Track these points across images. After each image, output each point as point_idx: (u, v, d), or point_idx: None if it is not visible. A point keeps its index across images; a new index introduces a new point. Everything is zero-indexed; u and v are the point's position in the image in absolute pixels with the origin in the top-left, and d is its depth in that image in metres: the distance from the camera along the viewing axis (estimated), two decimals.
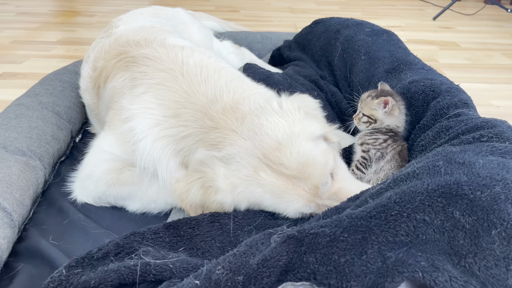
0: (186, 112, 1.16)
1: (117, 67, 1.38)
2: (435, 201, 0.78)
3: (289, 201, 1.06)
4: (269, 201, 1.07)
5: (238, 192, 1.07)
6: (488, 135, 1.01)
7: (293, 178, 1.05)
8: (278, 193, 1.05)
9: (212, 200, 1.09)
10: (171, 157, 1.17)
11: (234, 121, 1.11)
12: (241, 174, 1.07)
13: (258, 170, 1.05)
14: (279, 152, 1.05)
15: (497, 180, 0.79)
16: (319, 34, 2.09)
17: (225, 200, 1.09)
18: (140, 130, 1.18)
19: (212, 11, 4.22)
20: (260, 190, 1.06)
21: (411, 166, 0.92)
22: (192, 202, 1.12)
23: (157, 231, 1.02)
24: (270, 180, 1.05)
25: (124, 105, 1.24)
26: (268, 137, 1.07)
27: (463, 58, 3.12)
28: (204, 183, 1.09)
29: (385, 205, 0.80)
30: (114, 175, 1.23)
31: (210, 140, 1.11)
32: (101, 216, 1.26)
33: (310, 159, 1.04)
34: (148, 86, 1.24)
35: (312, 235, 0.80)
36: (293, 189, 1.05)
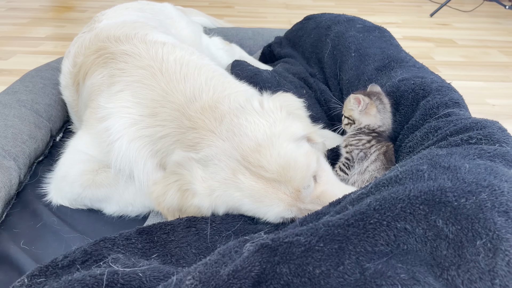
0: (163, 111, 1.11)
1: (96, 63, 1.33)
2: (417, 208, 0.73)
3: (269, 205, 1.00)
4: (248, 205, 1.02)
5: (216, 196, 1.02)
6: (477, 137, 0.96)
7: (273, 182, 0.99)
8: (257, 197, 1.00)
9: (189, 204, 1.04)
10: (148, 158, 1.12)
11: (213, 121, 1.06)
12: (219, 177, 1.01)
13: (237, 173, 1.00)
14: (259, 154, 0.99)
15: (484, 186, 0.74)
16: (310, 30, 2.03)
17: (202, 204, 1.04)
18: (116, 130, 1.13)
19: (206, 7, 4.16)
20: (238, 194, 1.01)
21: (394, 170, 0.87)
22: (169, 205, 1.07)
23: (129, 236, 0.97)
24: (249, 183, 0.99)
25: (100, 104, 1.19)
26: (247, 138, 1.01)
27: (459, 56, 3.07)
28: (181, 186, 1.04)
29: (364, 213, 0.75)
30: (90, 177, 1.18)
31: (187, 141, 1.06)
32: (77, 219, 1.22)
33: (291, 161, 0.99)
34: (125, 83, 1.19)
35: (286, 244, 0.75)
36: (273, 193, 1.00)
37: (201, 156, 1.03)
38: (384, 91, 1.42)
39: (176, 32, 1.95)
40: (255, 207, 1.02)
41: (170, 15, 2.06)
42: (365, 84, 1.58)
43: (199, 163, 1.03)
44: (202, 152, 1.04)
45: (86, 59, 1.38)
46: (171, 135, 1.09)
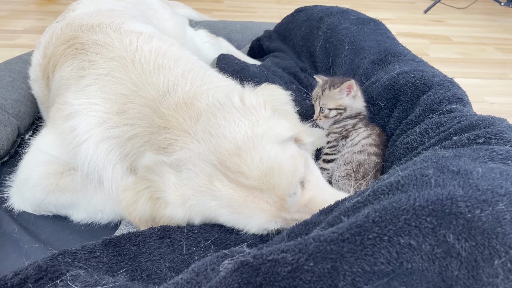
0: (132, 108, 0.99)
1: (65, 54, 1.21)
2: (423, 221, 0.62)
3: (249, 216, 0.88)
4: (225, 216, 0.90)
5: (190, 205, 0.91)
6: (485, 136, 0.86)
7: (254, 190, 0.87)
8: (236, 207, 0.88)
9: (162, 214, 0.93)
10: (117, 162, 1.00)
11: (188, 119, 0.94)
12: (193, 183, 0.90)
13: (213, 180, 0.88)
14: (238, 159, 0.87)
15: (501, 195, 0.63)
16: (300, 23, 1.92)
17: (175, 215, 0.92)
18: (82, 131, 1.01)
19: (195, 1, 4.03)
20: (215, 203, 0.89)
21: (394, 175, 0.76)
22: (140, 215, 0.95)
23: (93, 249, 0.85)
24: (227, 191, 0.88)
25: (68, 99, 1.06)
26: (225, 140, 0.89)
27: (455, 52, 2.98)
28: (153, 194, 0.93)
29: (361, 226, 0.64)
30: (53, 180, 1.05)
31: (159, 142, 0.94)
32: (40, 227, 1.09)
33: (275, 167, 0.87)
34: (94, 77, 1.07)
35: (270, 262, 0.64)
36: (254, 202, 0.88)
37: (173, 160, 0.91)
38: (381, 85, 1.32)
39: (159, 24, 1.83)
40: (234, 218, 0.90)
41: (153, 6, 1.94)
42: (361, 79, 1.47)
43: (171, 167, 0.91)
44: (174, 155, 0.92)
45: (55, 49, 1.26)
46: (141, 135, 0.97)
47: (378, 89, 1.31)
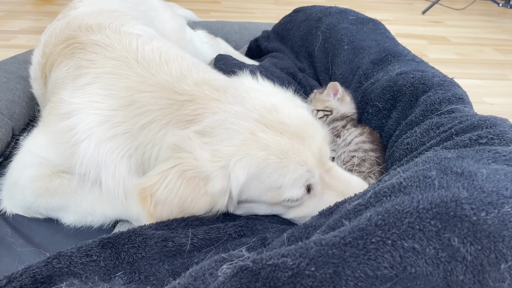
0: (142, 97, 0.97)
1: (62, 54, 1.18)
2: (427, 224, 0.60)
3: (297, 162, 0.90)
4: (274, 165, 0.89)
5: (235, 162, 0.87)
6: (487, 136, 0.84)
7: (297, 138, 0.92)
8: (285, 152, 0.89)
9: (200, 194, 0.88)
10: (122, 161, 0.97)
11: (214, 91, 0.96)
12: (235, 141, 0.89)
13: (257, 132, 0.90)
14: (277, 113, 0.93)
15: (506, 197, 0.62)
16: (299, 23, 1.91)
17: (216, 189, 0.88)
18: (83, 129, 0.98)
19: (192, 2, 4.01)
20: (263, 153, 0.88)
21: (396, 176, 0.74)
22: (164, 198, 0.88)
23: (90, 251, 0.82)
24: (274, 138, 0.90)
25: (64, 98, 1.03)
26: (260, 101, 0.95)
27: (454, 53, 2.97)
28: (184, 173, 0.87)
29: (364, 229, 0.62)
30: (42, 183, 1.03)
31: (184, 116, 0.93)
32: (34, 230, 1.07)
33: (310, 120, 0.97)
34: (95, 75, 1.04)
35: (270, 267, 0.62)
36: (300, 148, 0.91)
37: (204, 126, 0.91)
38: (379, 86, 1.30)
39: (160, 25, 1.81)
40: (283, 165, 0.89)
41: (154, 6, 1.92)
42: (360, 79, 1.46)
43: (203, 135, 0.90)
44: (205, 122, 0.91)
45: (53, 49, 1.24)
46: (158, 118, 0.95)
47: (377, 90, 1.29)
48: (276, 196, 0.93)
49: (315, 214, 0.88)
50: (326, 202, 0.96)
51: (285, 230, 0.93)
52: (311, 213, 0.93)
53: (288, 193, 0.92)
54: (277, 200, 0.94)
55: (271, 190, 0.92)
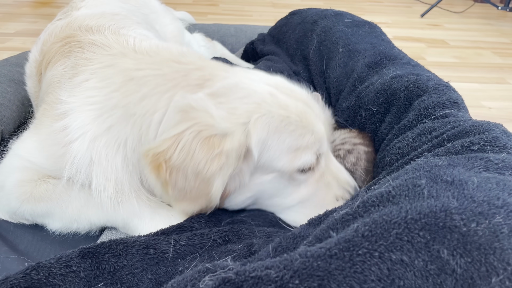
0: (141, 72, 0.96)
1: (60, 52, 1.16)
2: (416, 235, 0.58)
3: (315, 124, 0.93)
4: (295, 123, 0.90)
5: (256, 119, 0.86)
6: (479, 143, 0.82)
7: (308, 107, 0.95)
8: (304, 113, 0.92)
9: (215, 154, 0.83)
10: (117, 152, 0.94)
11: (221, 65, 0.98)
12: (254, 98, 0.89)
13: (275, 93, 0.91)
14: (288, 83, 0.99)
15: (498, 207, 0.59)
16: (294, 25, 1.89)
17: (234, 145, 0.84)
18: (76, 127, 0.95)
19: (190, 4, 4.01)
20: (284, 111, 0.89)
21: (385, 185, 0.72)
22: (179, 163, 0.83)
23: (69, 262, 0.79)
24: (292, 101, 0.92)
25: (61, 98, 1.01)
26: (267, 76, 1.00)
27: (452, 56, 2.95)
28: (200, 133, 0.82)
29: (350, 240, 0.60)
30: (27, 189, 1.00)
31: (193, 81, 0.91)
32: (19, 237, 1.04)
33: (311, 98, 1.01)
34: (91, 72, 1.02)
35: (253, 279, 0.60)
36: (314, 115, 0.95)
37: (217, 89, 0.90)
38: (373, 89, 1.28)
39: (161, 28, 1.80)
40: (303, 125, 0.91)
41: (155, 9, 1.90)
42: (355, 82, 1.43)
43: (217, 97, 0.88)
44: (217, 84, 0.91)
45: (51, 46, 1.22)
46: (161, 84, 0.92)
47: (371, 93, 1.27)
48: (291, 161, 0.91)
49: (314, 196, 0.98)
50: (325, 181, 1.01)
51: (271, 234, 0.91)
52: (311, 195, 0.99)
53: (304, 157, 0.91)
54: (291, 166, 0.92)
55: (289, 153, 0.90)
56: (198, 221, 0.96)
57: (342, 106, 1.41)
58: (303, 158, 0.91)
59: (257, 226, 0.97)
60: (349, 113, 1.33)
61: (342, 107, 1.41)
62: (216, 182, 0.86)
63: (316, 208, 0.97)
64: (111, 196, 0.97)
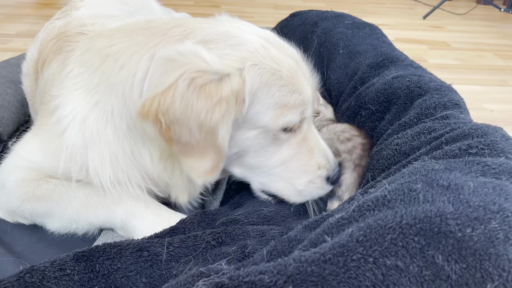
0: (115, 46, 0.93)
1: (53, 50, 1.17)
2: (410, 240, 0.57)
3: (304, 85, 0.92)
4: (286, 79, 0.88)
5: (250, 65, 0.83)
6: (477, 146, 0.81)
7: (298, 67, 0.93)
8: (295, 71, 0.90)
9: (215, 102, 0.77)
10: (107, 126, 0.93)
11: (202, 19, 0.95)
12: (247, 47, 0.85)
13: (267, 46, 0.88)
14: (279, 39, 0.96)
15: (493, 212, 0.59)
16: (295, 27, 1.88)
17: (234, 88, 0.80)
18: (66, 115, 0.95)
19: (192, 6, 4.01)
20: (276, 65, 0.87)
21: (381, 189, 0.71)
22: (179, 115, 0.77)
23: (64, 265, 0.79)
24: (283, 57, 0.89)
25: (53, 94, 1.02)
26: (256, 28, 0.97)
27: (454, 59, 2.94)
28: (193, 81, 0.76)
29: (345, 246, 0.59)
30: (29, 189, 1.01)
31: (173, 37, 0.86)
32: (16, 238, 1.05)
33: None
34: (74, 60, 1.02)
35: (246, 284, 0.59)
36: (303, 77, 0.93)
37: (203, 36, 0.85)
38: (374, 89, 1.27)
39: None
40: (294, 81, 0.89)
41: (154, 11, 1.90)
42: (356, 84, 1.43)
43: (206, 43, 0.83)
44: (204, 32, 0.86)
45: (46, 44, 1.23)
46: (138, 49, 0.88)
47: (371, 93, 1.26)
48: (276, 118, 0.89)
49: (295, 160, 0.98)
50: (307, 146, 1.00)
51: (265, 232, 0.90)
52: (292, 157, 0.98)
53: (290, 115, 0.90)
54: (276, 123, 0.90)
55: (275, 108, 0.88)
56: (191, 222, 0.95)
57: (342, 107, 1.41)
58: (288, 117, 0.90)
59: (251, 224, 0.96)
60: (349, 114, 1.33)
61: (342, 109, 1.40)
62: (221, 131, 0.81)
63: (299, 172, 1.00)
64: (109, 175, 0.95)
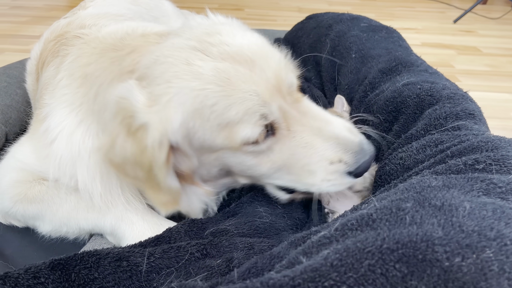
0: (90, 67, 0.92)
1: (52, 52, 1.16)
2: (391, 267, 0.51)
3: (244, 91, 0.74)
4: (214, 94, 0.74)
5: (166, 101, 0.75)
6: (485, 161, 0.73)
7: (244, 61, 0.76)
8: (227, 80, 0.74)
9: (143, 146, 0.75)
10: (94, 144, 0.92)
11: (158, 38, 0.87)
12: (166, 75, 0.76)
13: (192, 60, 0.76)
14: (220, 35, 0.79)
15: (489, 239, 0.51)
16: (309, 30, 1.82)
17: (155, 139, 0.75)
18: (54, 126, 0.95)
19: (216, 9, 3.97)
20: (198, 83, 0.74)
21: (370, 205, 0.65)
22: (123, 159, 0.79)
23: (38, 273, 0.77)
24: (212, 65, 0.75)
25: (45, 101, 1.01)
26: (203, 28, 0.83)
27: (483, 64, 2.79)
28: (130, 127, 0.76)
29: (318, 270, 0.53)
30: (22, 190, 1.00)
31: (125, 68, 0.84)
32: (7, 241, 1.03)
33: (262, 42, 0.82)
34: (65, 68, 1.01)
35: None
36: (247, 74, 0.75)
37: (141, 69, 0.80)
38: (383, 97, 1.20)
39: None
40: (226, 94, 0.74)
41: (167, 13, 1.88)
42: (366, 89, 1.35)
43: (141, 79, 0.79)
44: (141, 63, 0.81)
45: (47, 45, 1.22)
46: (104, 81, 0.88)
47: (380, 101, 1.19)
48: (230, 138, 0.78)
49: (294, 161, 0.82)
50: (301, 142, 0.82)
51: (254, 245, 0.85)
52: (288, 160, 0.83)
53: (242, 132, 0.76)
54: (233, 143, 0.78)
55: (221, 130, 0.77)
56: (177, 231, 0.91)
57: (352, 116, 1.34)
58: (241, 133, 0.76)
59: (240, 236, 0.91)
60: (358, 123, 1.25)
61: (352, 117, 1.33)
62: (158, 174, 0.78)
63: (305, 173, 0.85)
64: (100, 192, 0.94)
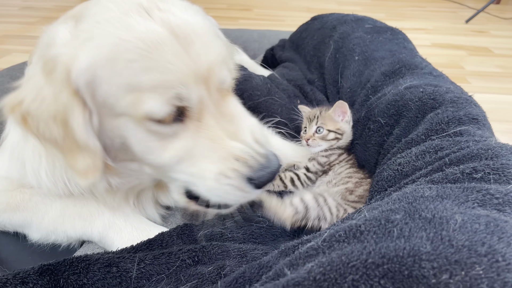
0: None
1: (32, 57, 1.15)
2: (375, 283, 0.49)
3: (170, 62, 0.68)
4: (136, 51, 0.67)
5: (84, 39, 0.68)
6: (484, 170, 0.70)
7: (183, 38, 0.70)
8: (159, 44, 0.67)
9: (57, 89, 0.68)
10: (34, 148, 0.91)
11: None
12: (99, 17, 0.69)
13: (133, 13, 0.69)
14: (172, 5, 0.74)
15: (480, 255, 0.49)
16: (314, 31, 1.80)
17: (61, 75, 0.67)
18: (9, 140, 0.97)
19: (224, 9, 3.99)
20: (127, 35, 0.67)
21: (361, 215, 0.63)
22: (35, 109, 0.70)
23: (26, 278, 0.76)
24: (150, 25, 0.68)
25: None
26: None
27: (495, 66, 2.73)
28: (47, 67, 0.69)
29: (300, 284, 0.51)
30: (4, 199, 0.99)
31: (69, 14, 0.78)
32: (2, 245, 1.03)
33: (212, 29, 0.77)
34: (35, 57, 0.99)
35: None
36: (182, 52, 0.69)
37: (79, 12, 0.73)
38: (385, 100, 1.17)
39: None
40: (150, 55, 0.67)
41: None
42: (368, 93, 1.32)
43: (75, 20, 0.72)
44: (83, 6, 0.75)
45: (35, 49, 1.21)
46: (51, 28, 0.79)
47: (381, 104, 1.16)
48: (135, 105, 0.69)
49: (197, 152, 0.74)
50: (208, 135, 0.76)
51: (247, 252, 0.83)
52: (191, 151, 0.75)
53: (149, 102, 0.68)
54: (137, 112, 0.70)
55: (129, 92, 0.69)
56: (169, 236, 0.90)
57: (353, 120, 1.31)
58: (148, 104, 0.69)
59: (233, 242, 0.89)
60: (358, 127, 1.23)
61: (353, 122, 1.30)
62: (74, 123, 0.70)
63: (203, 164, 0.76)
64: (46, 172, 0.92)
